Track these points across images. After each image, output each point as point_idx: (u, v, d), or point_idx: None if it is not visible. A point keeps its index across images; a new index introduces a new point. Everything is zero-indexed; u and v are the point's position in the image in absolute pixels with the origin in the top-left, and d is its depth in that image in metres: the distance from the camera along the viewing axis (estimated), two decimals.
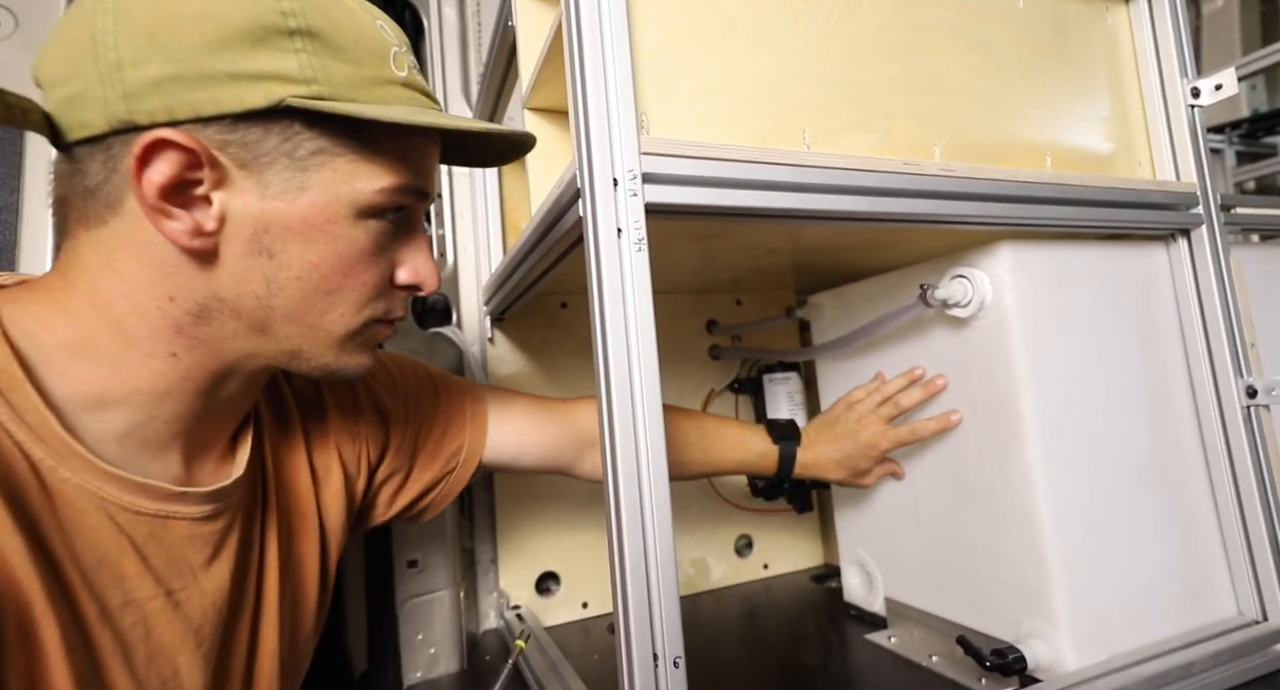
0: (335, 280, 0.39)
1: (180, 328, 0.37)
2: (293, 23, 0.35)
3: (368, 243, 0.39)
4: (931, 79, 0.57)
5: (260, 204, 0.36)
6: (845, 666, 0.68)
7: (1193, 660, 0.54)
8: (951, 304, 0.61)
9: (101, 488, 0.36)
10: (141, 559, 0.38)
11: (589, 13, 0.43)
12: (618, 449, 0.40)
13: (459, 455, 0.60)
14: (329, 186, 0.37)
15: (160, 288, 0.36)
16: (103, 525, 0.36)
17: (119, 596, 0.36)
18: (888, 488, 0.74)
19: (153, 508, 0.38)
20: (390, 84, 0.38)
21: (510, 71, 0.76)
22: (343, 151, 0.37)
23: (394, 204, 0.40)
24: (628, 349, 0.41)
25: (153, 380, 0.38)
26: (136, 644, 0.37)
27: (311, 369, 0.41)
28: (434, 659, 0.75)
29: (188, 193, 0.35)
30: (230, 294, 0.37)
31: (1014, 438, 0.58)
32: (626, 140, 0.42)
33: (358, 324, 0.41)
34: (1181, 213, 0.65)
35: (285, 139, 0.35)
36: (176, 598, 0.39)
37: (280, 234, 0.37)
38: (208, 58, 0.33)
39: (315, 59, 0.35)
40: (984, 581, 0.62)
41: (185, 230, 0.35)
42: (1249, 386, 0.62)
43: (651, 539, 0.40)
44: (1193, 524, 0.63)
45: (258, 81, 0.34)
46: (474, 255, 0.94)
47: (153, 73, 0.33)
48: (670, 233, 0.57)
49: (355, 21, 0.37)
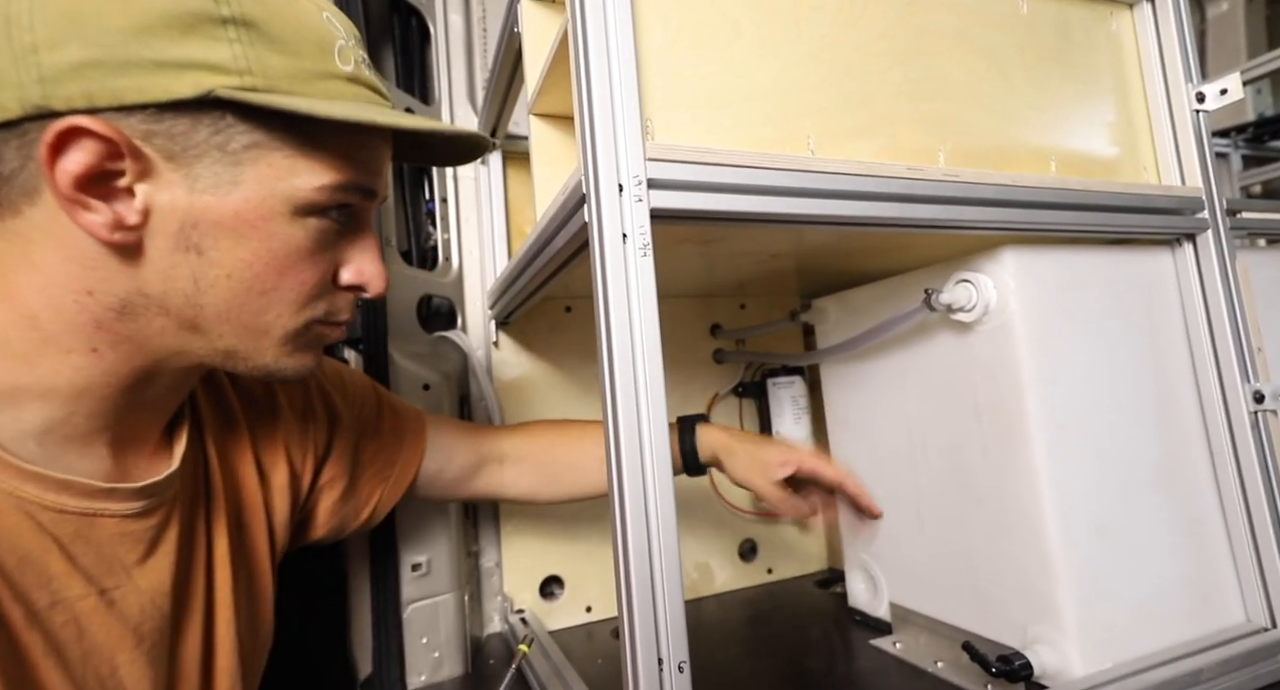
0: (270, 279, 0.37)
1: (101, 323, 0.36)
2: (225, 10, 0.33)
3: (306, 241, 0.38)
4: (935, 84, 0.57)
5: (189, 198, 0.34)
6: (850, 672, 0.68)
7: (1201, 667, 0.54)
8: (956, 308, 0.61)
9: (19, 487, 0.35)
10: (68, 558, 0.36)
11: (594, 19, 0.43)
12: (623, 453, 0.40)
13: (394, 466, 0.62)
14: (264, 182, 0.35)
15: (79, 282, 0.34)
16: (23, 525, 0.35)
17: (46, 597, 0.35)
18: (892, 493, 0.74)
19: (77, 506, 0.37)
20: (334, 78, 0.36)
21: (516, 77, 0.77)
22: (280, 146, 0.35)
23: (336, 202, 0.38)
24: (632, 353, 0.41)
25: (71, 376, 0.36)
26: (69, 644, 0.36)
27: (250, 369, 0.40)
28: (438, 663, 0.75)
29: (108, 184, 0.33)
30: (156, 290, 0.36)
31: (1019, 442, 0.58)
32: (631, 146, 0.43)
33: (297, 325, 0.40)
34: (1187, 217, 0.65)
35: (216, 132, 0.34)
36: (110, 596, 0.38)
37: (210, 230, 0.35)
38: (132, 43, 0.31)
39: (250, 49, 0.33)
40: (989, 587, 0.62)
41: (104, 223, 0.33)
42: (1256, 392, 0.62)
43: (656, 543, 0.40)
44: (1200, 530, 0.63)
45: (185, 70, 0.32)
46: (479, 259, 0.94)
47: (72, 57, 0.31)
48: (674, 237, 0.58)
49: (296, 10, 0.36)
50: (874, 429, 0.76)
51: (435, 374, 0.81)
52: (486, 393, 0.87)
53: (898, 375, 0.72)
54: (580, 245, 0.51)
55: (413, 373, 0.78)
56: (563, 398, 0.92)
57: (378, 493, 0.60)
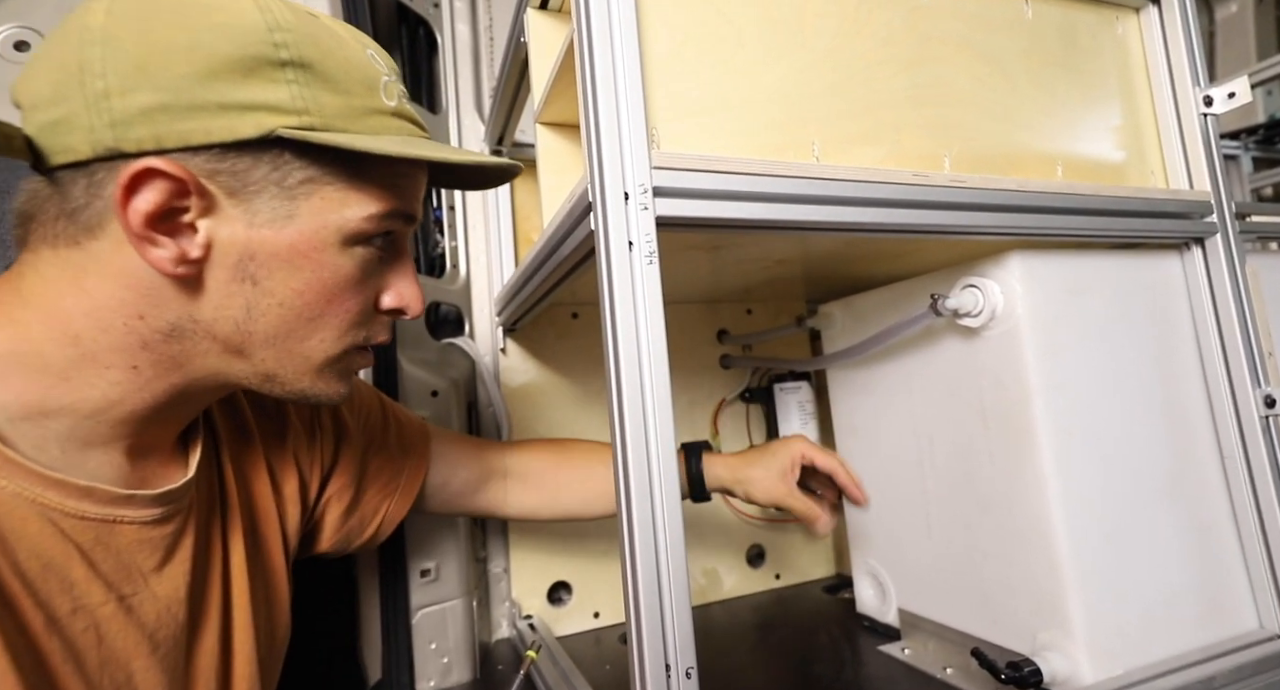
0: (319, 307, 0.39)
1: (147, 344, 0.37)
2: (284, 54, 0.35)
3: (354, 270, 0.39)
4: (940, 90, 0.57)
5: (248, 232, 0.36)
6: (858, 678, 0.68)
7: (1213, 674, 0.54)
8: (962, 314, 0.61)
9: (41, 494, 0.35)
10: (89, 564, 0.37)
11: (599, 29, 0.44)
12: (629, 459, 0.40)
13: (399, 477, 0.61)
14: (317, 215, 0.37)
15: (132, 308, 0.36)
16: (45, 532, 0.35)
17: (67, 603, 0.36)
18: (899, 498, 0.73)
19: (98, 512, 0.37)
20: (380, 114, 0.38)
21: (522, 86, 0.77)
22: (332, 180, 0.37)
23: (381, 230, 0.40)
24: (639, 359, 0.41)
25: (106, 390, 0.37)
26: (88, 650, 0.37)
27: (286, 393, 0.41)
28: (447, 668, 0.75)
29: (174, 220, 0.35)
30: (207, 317, 0.37)
31: (1027, 448, 0.58)
32: (637, 154, 0.43)
33: (338, 351, 0.41)
34: (1195, 221, 0.65)
35: (275, 168, 0.36)
36: (129, 603, 0.39)
37: (266, 261, 0.37)
38: (198, 88, 0.33)
39: (306, 90, 0.35)
40: (998, 593, 0.62)
41: (170, 258, 0.35)
42: (1267, 396, 0.62)
43: (663, 549, 0.40)
44: (1211, 535, 0.62)
45: (248, 112, 0.34)
46: (486, 266, 0.95)
47: (141, 102, 0.33)
48: (681, 244, 0.58)
49: (346, 51, 0.38)
50: (881, 434, 0.76)
51: (443, 380, 0.81)
52: (494, 399, 0.88)
53: (904, 380, 0.72)
54: (587, 252, 0.52)
55: (421, 379, 0.79)
56: (569, 404, 0.92)
57: (384, 506, 0.61)
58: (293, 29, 0.35)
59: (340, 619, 0.73)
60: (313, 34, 0.36)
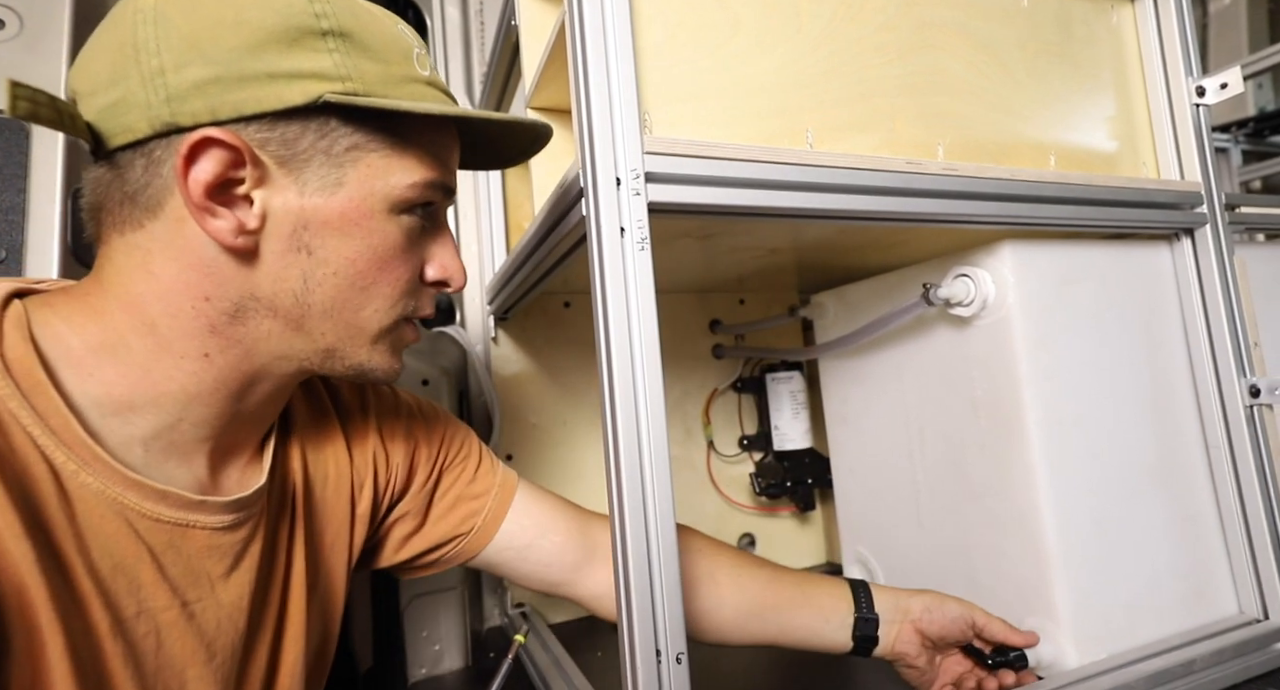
0: (371, 275, 0.39)
1: (215, 327, 0.37)
2: (325, 24, 0.36)
3: (401, 238, 0.40)
4: (935, 78, 0.57)
5: (300, 201, 0.37)
6: (846, 663, 0.69)
7: (1194, 658, 0.54)
8: (954, 303, 0.61)
9: (122, 494, 0.36)
10: (159, 568, 0.37)
11: (592, 12, 0.43)
12: (620, 448, 0.40)
13: (478, 517, 0.55)
14: (364, 182, 0.38)
15: (197, 288, 0.37)
16: (121, 532, 0.36)
17: (133, 605, 0.36)
18: (890, 487, 0.74)
19: (172, 516, 0.38)
20: (416, 82, 0.39)
21: (513, 71, 0.76)
22: (377, 147, 0.38)
23: (424, 199, 0.40)
24: (631, 348, 0.41)
25: (184, 382, 0.38)
26: (147, 656, 0.36)
27: (346, 368, 0.41)
28: (439, 655, 0.75)
29: (230, 192, 0.35)
30: (267, 292, 0.38)
31: (1016, 437, 0.58)
32: (629, 140, 0.43)
33: (390, 320, 0.41)
34: (1185, 212, 0.65)
35: (322, 136, 0.36)
36: (191, 609, 0.39)
37: (319, 230, 0.37)
38: (247, 59, 0.34)
39: (348, 58, 0.36)
40: (986, 580, 0.63)
41: (230, 229, 0.35)
42: (1252, 386, 0.62)
43: (654, 536, 0.40)
44: (1195, 523, 0.63)
45: (295, 80, 0.35)
46: (477, 254, 0.94)
47: (195, 76, 0.34)
48: (673, 231, 0.58)
49: (380, 24, 0.39)
50: (872, 424, 0.77)
51: (434, 369, 0.81)
52: (485, 388, 0.87)
53: (896, 370, 0.72)
54: (578, 240, 0.51)
55: (412, 368, 0.79)
56: (561, 393, 0.92)
57: (450, 544, 0.55)
58: (331, 0, 0.37)
59: None
60: (349, 6, 0.38)
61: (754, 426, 1.02)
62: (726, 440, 1.00)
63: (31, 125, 0.63)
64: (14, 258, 0.63)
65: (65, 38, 0.65)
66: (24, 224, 0.65)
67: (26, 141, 0.64)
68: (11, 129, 0.63)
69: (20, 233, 0.64)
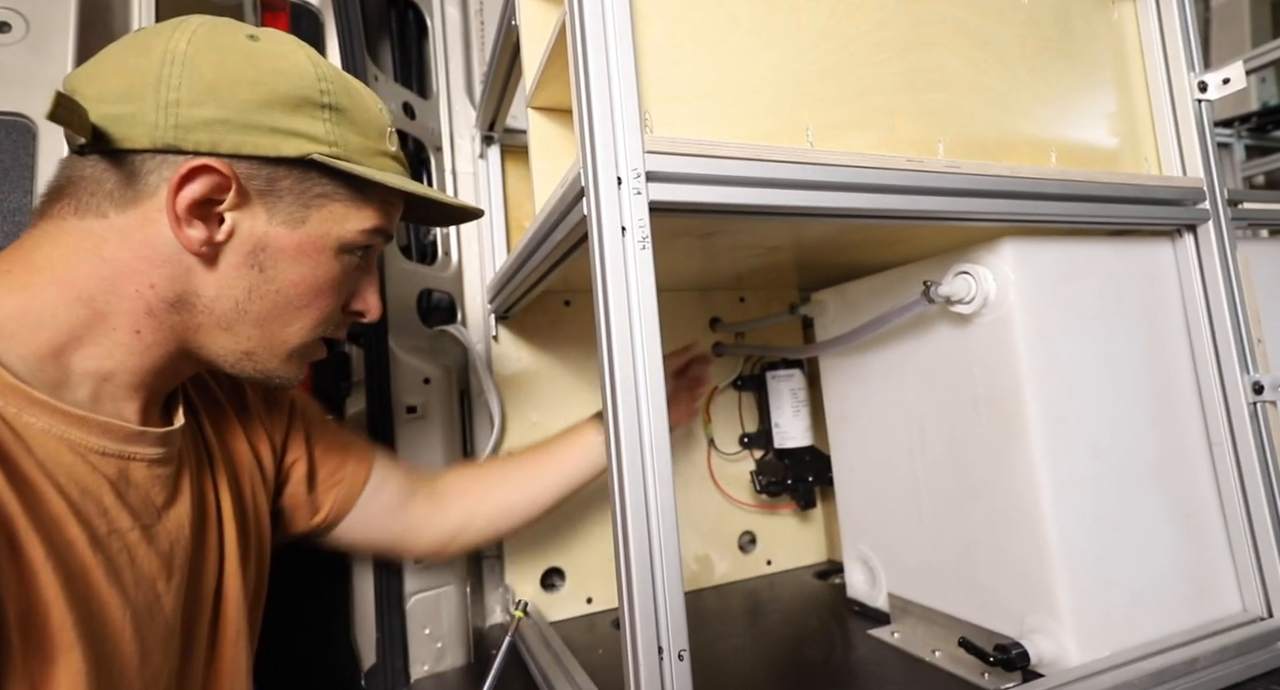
0: (307, 298, 0.46)
1: (152, 311, 0.43)
2: (325, 98, 0.44)
3: (339, 273, 0.48)
4: (935, 75, 0.56)
5: (266, 227, 0.44)
6: (848, 661, 0.69)
7: (1196, 656, 0.54)
8: (955, 301, 0.61)
9: (67, 431, 0.40)
10: (117, 494, 0.42)
11: (592, 12, 0.43)
12: (623, 446, 0.40)
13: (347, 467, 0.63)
14: (323, 223, 0.46)
15: (144, 276, 0.42)
16: (78, 463, 0.40)
17: (104, 525, 0.41)
18: (891, 484, 0.74)
19: (115, 448, 0.42)
20: (383, 155, 0.48)
21: (514, 70, 0.77)
22: (341, 198, 0.46)
23: (367, 243, 0.48)
24: (632, 346, 0.41)
25: (110, 349, 0.42)
26: (124, 569, 0.41)
27: (255, 371, 0.47)
28: (441, 653, 0.76)
29: (209, 209, 0.42)
30: (211, 293, 0.44)
31: (1017, 434, 0.58)
32: (630, 139, 0.43)
33: (310, 339, 0.48)
34: (1187, 208, 0.65)
35: (299, 181, 0.44)
36: (150, 531, 0.44)
37: (274, 254, 0.44)
38: (255, 112, 0.42)
39: (337, 128, 0.45)
40: (987, 577, 0.63)
41: (200, 239, 0.42)
42: (1255, 382, 0.62)
43: (656, 534, 0.40)
44: (1197, 520, 0.63)
45: (291, 137, 0.43)
46: (478, 253, 0.94)
47: (206, 114, 0.41)
48: (674, 230, 0.58)
49: (366, 105, 0.48)
50: (873, 421, 0.77)
51: (436, 368, 0.81)
52: (487, 386, 0.88)
53: (897, 368, 0.72)
54: (579, 238, 0.51)
55: (413, 367, 0.79)
56: (563, 392, 0.92)
57: (333, 492, 0.62)
58: (333, 81, 0.45)
59: (334, 604, 0.73)
60: (346, 87, 0.46)
61: (754, 424, 1.02)
62: (727, 438, 1.01)
63: (38, 128, 0.64)
64: None
65: (70, 40, 0.65)
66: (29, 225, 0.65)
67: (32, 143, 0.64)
68: (18, 132, 0.64)
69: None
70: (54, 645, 0.36)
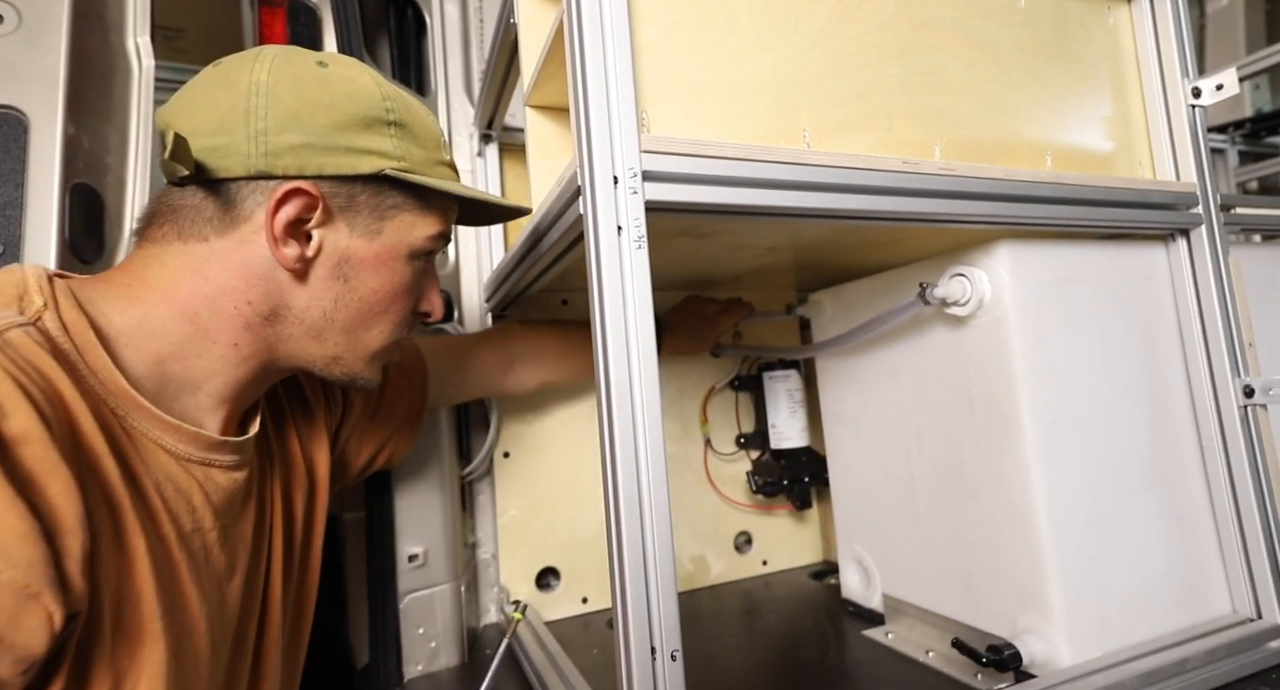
0: (385, 303, 0.50)
1: (249, 325, 0.46)
2: (391, 116, 0.47)
3: (411, 278, 0.51)
4: (932, 78, 0.57)
5: (348, 241, 0.47)
6: (842, 662, 0.69)
7: (1187, 657, 0.55)
8: (950, 302, 0.61)
9: (162, 436, 0.43)
10: (205, 494, 0.45)
11: (590, 11, 0.43)
12: (617, 445, 0.40)
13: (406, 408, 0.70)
14: (396, 232, 0.49)
15: (243, 294, 0.45)
16: (172, 464, 0.44)
17: (190, 523, 0.44)
18: (886, 485, 0.74)
19: (200, 455, 0.45)
20: (442, 164, 0.51)
21: (512, 69, 0.76)
22: (409, 208, 0.49)
23: (433, 248, 0.51)
24: (627, 346, 0.41)
25: (211, 362, 0.46)
26: (203, 566, 0.45)
27: (341, 374, 0.51)
28: (434, 652, 0.75)
29: (300, 228, 0.45)
30: (302, 304, 0.47)
31: (1012, 436, 0.59)
32: (627, 138, 0.43)
33: (390, 341, 0.52)
34: (1181, 213, 0.65)
35: (374, 195, 0.47)
36: (227, 532, 0.47)
37: (356, 265, 0.48)
38: (333, 134, 0.45)
39: (402, 143, 0.48)
40: (981, 578, 0.63)
41: (294, 256, 0.45)
42: (1246, 386, 0.63)
43: (650, 534, 0.40)
44: (1189, 522, 0.63)
45: (365, 154, 0.46)
46: (475, 252, 0.94)
47: (291, 140, 0.44)
48: (670, 230, 0.58)
49: (425, 120, 0.51)
50: (869, 422, 0.77)
51: None
52: None
53: (892, 369, 0.72)
54: (576, 237, 0.51)
55: None
56: (558, 391, 0.92)
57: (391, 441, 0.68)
58: (395, 100, 0.48)
59: (328, 604, 0.73)
60: (407, 105, 0.49)
61: (751, 425, 1.02)
62: (723, 438, 1.01)
63: (29, 121, 0.63)
64: (12, 251, 0.63)
65: (64, 32, 0.65)
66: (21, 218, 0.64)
67: (24, 137, 0.64)
68: (10, 124, 0.63)
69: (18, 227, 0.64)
70: (143, 636, 0.38)
